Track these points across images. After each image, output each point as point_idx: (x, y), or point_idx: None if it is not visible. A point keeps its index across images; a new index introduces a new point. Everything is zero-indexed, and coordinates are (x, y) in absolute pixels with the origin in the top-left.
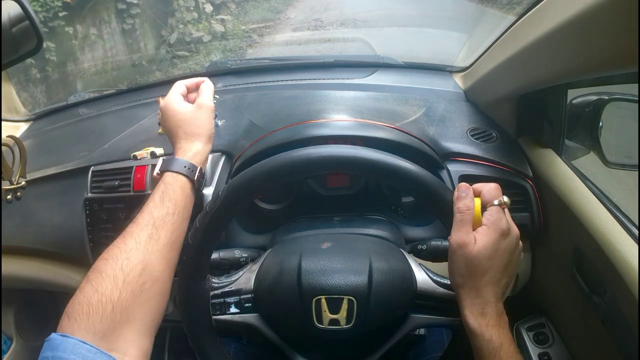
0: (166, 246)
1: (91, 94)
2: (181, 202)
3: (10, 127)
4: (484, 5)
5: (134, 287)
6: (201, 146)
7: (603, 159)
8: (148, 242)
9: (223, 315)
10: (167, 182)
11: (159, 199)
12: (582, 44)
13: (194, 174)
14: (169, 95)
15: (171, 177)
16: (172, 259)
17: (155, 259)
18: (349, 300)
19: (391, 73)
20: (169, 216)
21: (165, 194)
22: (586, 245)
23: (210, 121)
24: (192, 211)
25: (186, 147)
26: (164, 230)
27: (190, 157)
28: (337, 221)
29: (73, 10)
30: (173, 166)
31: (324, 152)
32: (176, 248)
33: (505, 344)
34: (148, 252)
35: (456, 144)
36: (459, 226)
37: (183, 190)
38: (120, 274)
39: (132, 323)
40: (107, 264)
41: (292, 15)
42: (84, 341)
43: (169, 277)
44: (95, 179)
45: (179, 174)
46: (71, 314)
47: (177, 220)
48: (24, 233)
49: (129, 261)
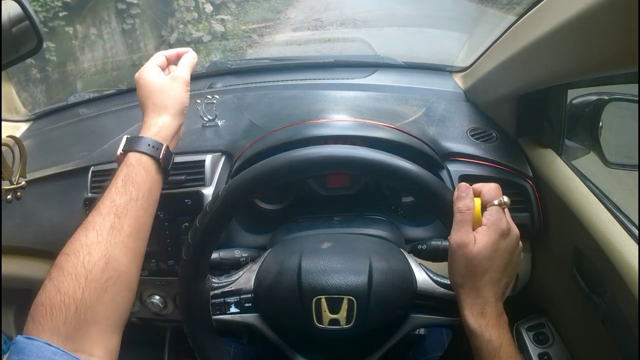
0: (130, 236)
1: (91, 94)
2: (145, 186)
3: (10, 127)
4: (484, 5)
5: (98, 285)
6: (169, 119)
7: (603, 159)
8: (110, 234)
9: (223, 315)
10: (129, 163)
11: (121, 184)
12: (582, 44)
13: (159, 152)
14: (145, 65)
15: (134, 158)
16: (138, 249)
17: (119, 252)
18: (349, 300)
19: (391, 73)
20: (132, 202)
21: (128, 178)
22: (586, 245)
23: (184, 93)
24: (192, 208)
25: (152, 121)
26: (127, 219)
27: (154, 134)
28: (337, 221)
29: (73, 10)
30: (136, 145)
31: (324, 152)
32: (142, 237)
33: (505, 344)
34: (111, 244)
35: (456, 144)
36: (459, 226)
37: (147, 173)
38: (82, 271)
39: (97, 322)
40: (69, 260)
41: (292, 15)
42: (49, 343)
43: (135, 269)
44: (95, 179)
45: (143, 154)
46: (35, 317)
47: (141, 206)
48: (24, 233)
49: (91, 256)
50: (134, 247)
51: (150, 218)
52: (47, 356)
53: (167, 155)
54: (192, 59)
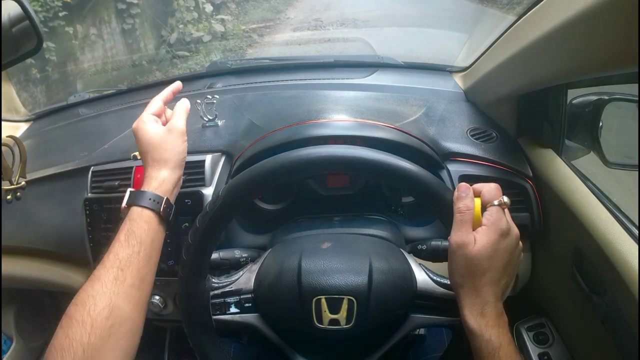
0: (133, 287)
1: (91, 94)
2: (147, 239)
3: (10, 127)
4: (484, 5)
5: (102, 331)
6: (167, 173)
7: (603, 159)
8: (114, 285)
9: (223, 315)
10: (132, 218)
11: (124, 238)
12: (582, 44)
13: (160, 206)
14: (141, 115)
15: (136, 213)
16: (141, 297)
17: (122, 301)
18: (349, 300)
19: (391, 73)
20: (134, 255)
21: (130, 232)
22: (586, 245)
23: (181, 145)
24: (192, 208)
25: (152, 175)
26: (130, 271)
27: (155, 188)
28: (337, 221)
29: (73, 10)
30: (138, 200)
31: (324, 152)
32: (144, 286)
33: (505, 344)
34: (114, 294)
35: (456, 144)
36: (458, 226)
37: (149, 226)
38: (88, 319)
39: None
40: (77, 309)
41: (292, 15)
42: None
43: (138, 316)
44: (95, 179)
45: (145, 209)
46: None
47: (143, 258)
48: (24, 233)
49: (96, 306)
50: (137, 296)
51: (153, 268)
52: None
53: (167, 208)
54: (186, 106)
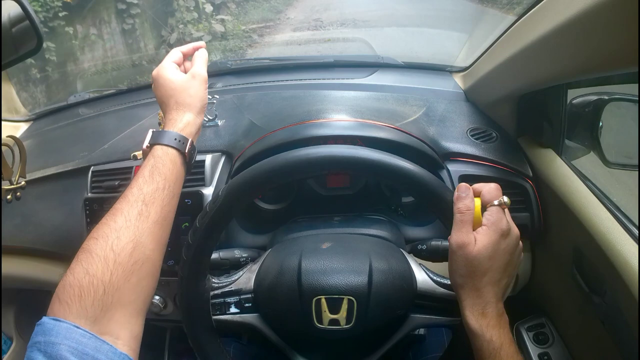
0: (156, 223)
1: (91, 94)
2: (171, 177)
3: (10, 127)
4: (484, 5)
5: (125, 267)
6: (192, 117)
7: (603, 159)
8: (138, 220)
9: (223, 315)
10: (156, 155)
11: (148, 174)
12: (582, 44)
13: (185, 146)
14: (162, 62)
15: (161, 150)
16: (163, 237)
17: (146, 238)
18: (349, 300)
19: (391, 73)
20: (159, 191)
21: (155, 169)
22: (586, 245)
23: (204, 91)
24: (192, 208)
25: (177, 117)
26: (154, 207)
27: (180, 129)
28: (337, 221)
29: (73, 10)
30: (163, 139)
31: (324, 152)
32: (166, 225)
33: (506, 344)
34: (138, 229)
35: (456, 144)
36: (459, 226)
37: (174, 164)
38: (110, 254)
39: (123, 306)
40: (97, 243)
41: (292, 15)
42: (77, 325)
43: (159, 256)
44: (95, 179)
45: (169, 147)
46: (62, 297)
47: (167, 195)
48: (24, 233)
49: (119, 240)
50: (159, 235)
51: (174, 209)
52: (76, 339)
53: (191, 150)
54: (205, 56)
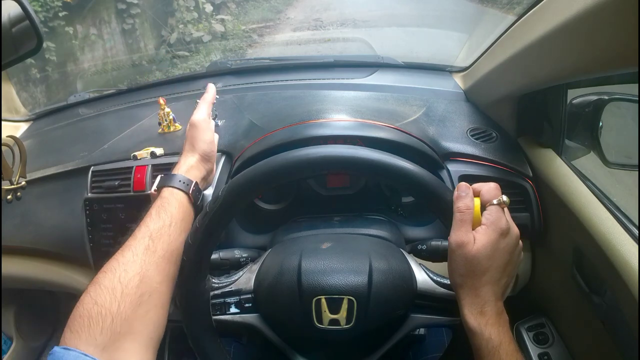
0: (163, 258)
1: (91, 94)
2: (178, 215)
3: (10, 127)
4: (484, 5)
5: (133, 299)
6: (194, 161)
7: (603, 159)
8: (145, 254)
9: (223, 315)
10: (163, 196)
11: (155, 213)
12: (582, 44)
13: (189, 187)
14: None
15: (167, 192)
16: (170, 271)
17: (153, 270)
18: (349, 300)
19: (391, 73)
20: (165, 228)
21: (162, 208)
22: (586, 245)
23: (202, 134)
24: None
25: (181, 162)
26: (161, 242)
27: (184, 172)
28: (337, 221)
29: (73, 10)
30: (168, 181)
31: (324, 152)
32: (174, 261)
33: (505, 342)
34: (145, 263)
35: (456, 144)
36: (458, 226)
37: (180, 204)
38: (118, 286)
39: (132, 335)
40: (106, 276)
41: (292, 15)
42: (85, 354)
43: (167, 289)
44: (95, 179)
45: (174, 188)
46: (72, 327)
47: (173, 232)
48: (24, 233)
49: (127, 273)
50: (166, 269)
51: (181, 245)
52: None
53: (196, 191)
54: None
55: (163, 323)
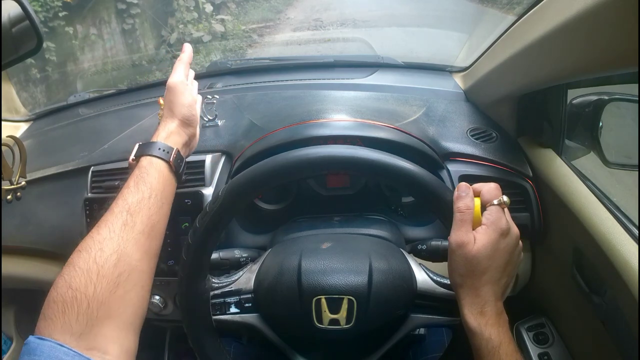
0: (142, 233)
1: (91, 94)
2: (158, 185)
3: (10, 127)
4: (484, 5)
5: (110, 280)
6: (174, 127)
7: (603, 159)
8: (123, 230)
9: (223, 315)
10: (141, 166)
11: (133, 185)
12: (582, 44)
13: (170, 155)
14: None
15: (146, 161)
16: (151, 247)
17: (131, 247)
18: (349, 300)
19: (391, 73)
20: (145, 201)
21: (140, 179)
22: (586, 245)
23: (179, 98)
24: (192, 208)
25: (160, 128)
26: (140, 216)
27: (164, 138)
28: (337, 221)
29: (73, 10)
30: (147, 150)
31: (324, 152)
32: (155, 235)
33: (505, 342)
34: (123, 240)
35: (456, 144)
36: (458, 226)
37: (160, 174)
38: (94, 267)
39: (110, 319)
40: (80, 256)
41: (292, 15)
42: (60, 343)
43: (147, 266)
44: (95, 179)
45: (154, 157)
46: (47, 314)
47: (154, 204)
48: (24, 233)
49: (103, 252)
50: (147, 245)
51: (164, 218)
52: (58, 356)
53: (177, 159)
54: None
55: (145, 304)
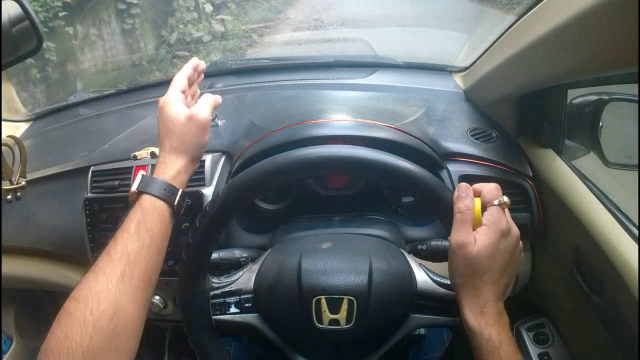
0: (139, 287)
1: (91, 94)
2: (158, 234)
3: (10, 127)
4: (484, 5)
5: (105, 332)
6: (184, 164)
7: (603, 159)
8: (120, 282)
9: (223, 315)
10: (144, 207)
11: (134, 230)
12: (582, 44)
13: (174, 198)
14: (168, 92)
15: (149, 202)
16: (146, 298)
17: (128, 300)
18: (349, 300)
19: (391, 73)
20: (144, 249)
21: (142, 224)
22: (586, 245)
23: (201, 136)
24: (192, 208)
25: (169, 162)
26: (138, 267)
27: (171, 177)
28: (337, 221)
29: (73, 10)
30: (152, 188)
31: (323, 152)
32: (150, 285)
33: (505, 342)
34: (120, 293)
35: (456, 144)
36: (458, 226)
37: (161, 219)
38: (90, 319)
39: None
40: (78, 307)
41: (292, 15)
42: None
43: (141, 316)
44: (95, 179)
45: (158, 199)
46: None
47: (153, 253)
48: (24, 233)
49: (99, 304)
50: (142, 296)
51: (159, 265)
52: None
53: (180, 202)
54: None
55: (135, 350)
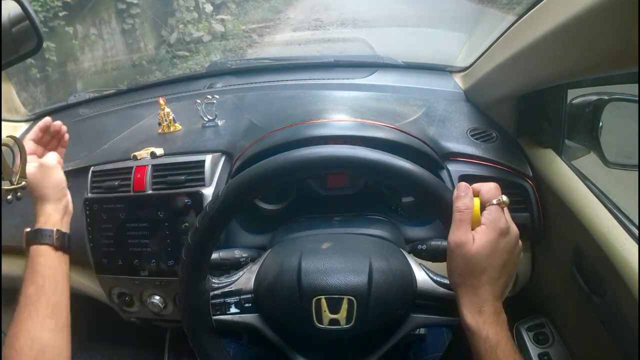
0: (46, 317)
1: (91, 94)
2: (49, 271)
3: (10, 127)
4: (484, 5)
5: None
6: (51, 207)
7: (603, 159)
8: (29, 320)
9: (223, 315)
10: (31, 257)
11: (29, 276)
12: (582, 44)
13: (52, 238)
14: None
15: (34, 251)
16: (58, 322)
17: (39, 331)
18: (349, 300)
19: (391, 73)
20: (41, 289)
21: (32, 269)
22: (586, 245)
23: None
24: (192, 208)
25: (39, 212)
26: (40, 304)
27: (44, 223)
28: (337, 221)
29: (73, 10)
30: (33, 239)
31: (323, 153)
32: (59, 312)
33: (503, 341)
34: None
35: (456, 144)
36: (457, 225)
37: (48, 259)
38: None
39: None
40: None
41: (292, 15)
42: None
43: (60, 341)
44: (95, 179)
45: (37, 245)
46: None
47: (49, 288)
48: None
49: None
50: (53, 324)
51: (63, 294)
52: None
53: (59, 238)
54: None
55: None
